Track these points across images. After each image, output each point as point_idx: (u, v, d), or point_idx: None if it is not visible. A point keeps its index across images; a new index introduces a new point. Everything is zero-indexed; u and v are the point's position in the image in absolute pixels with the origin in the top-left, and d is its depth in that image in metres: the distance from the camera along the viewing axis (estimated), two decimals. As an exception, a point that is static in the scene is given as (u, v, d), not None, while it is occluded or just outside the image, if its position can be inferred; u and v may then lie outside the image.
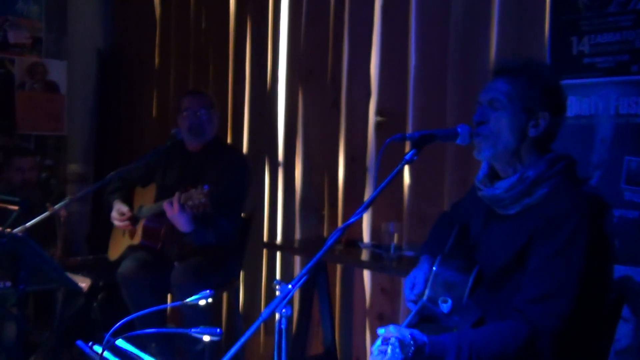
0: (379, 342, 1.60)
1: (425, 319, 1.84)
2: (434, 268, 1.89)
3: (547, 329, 1.61)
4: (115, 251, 3.45)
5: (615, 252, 1.81)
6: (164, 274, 3.14)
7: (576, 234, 1.65)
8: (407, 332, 1.57)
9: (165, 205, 2.89)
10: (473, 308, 1.79)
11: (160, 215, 3.09)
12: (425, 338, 1.56)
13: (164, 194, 3.16)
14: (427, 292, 1.87)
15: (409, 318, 1.86)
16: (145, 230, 3.20)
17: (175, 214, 2.86)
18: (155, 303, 3.08)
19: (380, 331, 1.59)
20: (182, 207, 2.81)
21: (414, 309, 1.93)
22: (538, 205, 1.75)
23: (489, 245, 1.86)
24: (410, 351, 1.53)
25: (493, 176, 1.88)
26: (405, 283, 2.02)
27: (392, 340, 1.54)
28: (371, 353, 1.60)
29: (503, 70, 1.84)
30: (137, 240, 3.22)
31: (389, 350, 1.53)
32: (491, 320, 1.76)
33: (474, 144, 1.85)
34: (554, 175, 1.75)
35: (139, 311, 3.12)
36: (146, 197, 3.36)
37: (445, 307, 1.80)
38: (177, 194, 2.85)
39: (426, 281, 1.94)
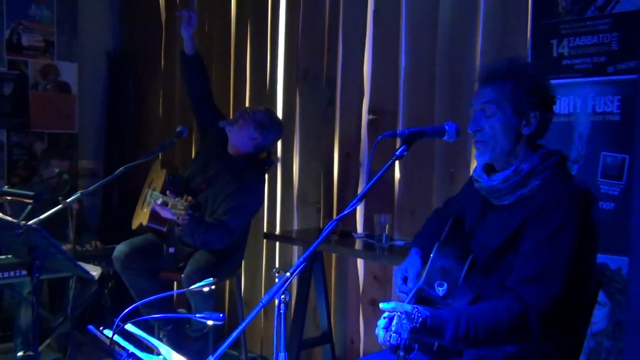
0: (385, 315, 1.62)
1: (421, 300, 1.84)
2: (432, 255, 1.90)
3: (537, 307, 1.62)
4: (135, 222, 3.46)
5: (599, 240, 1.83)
6: (156, 256, 3.19)
7: (567, 222, 1.67)
8: (409, 307, 1.58)
9: (154, 205, 2.93)
10: (467, 291, 1.81)
11: None
12: (427, 312, 1.57)
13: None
14: (424, 276, 1.88)
15: (407, 300, 1.86)
16: (152, 214, 3.22)
17: (165, 215, 2.94)
18: (150, 284, 3.12)
19: (383, 305, 1.58)
20: (168, 211, 2.83)
21: (408, 295, 1.94)
22: (531, 196, 1.76)
23: (484, 232, 1.87)
24: (419, 322, 1.53)
25: (490, 169, 1.88)
26: (396, 273, 2.02)
27: (398, 313, 1.54)
28: (377, 326, 1.61)
29: (489, 77, 1.82)
30: (145, 221, 3.24)
31: (395, 321, 1.52)
32: (484, 301, 1.78)
33: (474, 148, 1.86)
34: (546, 169, 1.76)
35: (137, 292, 3.18)
36: (159, 180, 3.38)
37: (441, 290, 1.82)
38: (161, 202, 2.89)
39: (418, 276, 1.95)
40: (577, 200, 1.70)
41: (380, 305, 1.59)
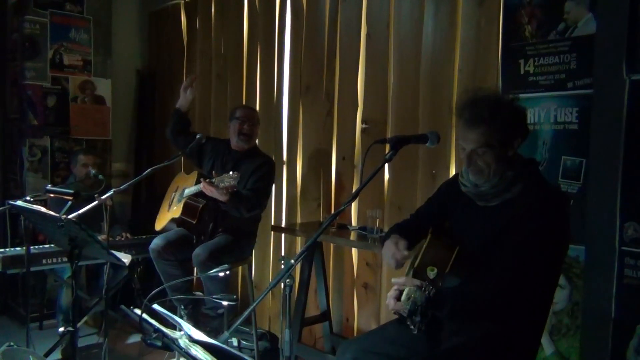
0: (395, 287, 1.62)
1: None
2: (425, 243, 1.90)
3: (519, 293, 1.64)
4: (160, 223, 3.46)
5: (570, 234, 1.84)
6: (185, 248, 3.19)
7: (546, 222, 1.68)
8: (418, 281, 1.59)
9: (202, 185, 2.97)
10: (454, 277, 1.81)
11: (199, 195, 3.18)
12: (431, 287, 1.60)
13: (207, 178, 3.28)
14: (418, 260, 1.87)
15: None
16: (185, 206, 3.24)
17: (212, 192, 2.95)
18: (179, 272, 3.13)
19: (395, 280, 1.61)
20: (216, 187, 2.89)
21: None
22: (514, 199, 1.76)
23: (470, 228, 1.86)
24: (431, 292, 1.53)
25: None
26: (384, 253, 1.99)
27: (409, 286, 1.55)
28: (388, 297, 1.61)
29: (475, 122, 1.74)
30: (178, 214, 3.25)
31: (407, 291, 1.53)
32: (470, 286, 1.79)
33: (470, 173, 1.82)
34: (526, 175, 1.78)
35: (166, 277, 3.20)
36: (188, 182, 3.38)
37: (432, 274, 1.81)
38: (208, 181, 2.92)
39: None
40: (555, 204, 1.72)
41: (392, 279, 1.60)
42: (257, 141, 3.52)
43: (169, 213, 3.43)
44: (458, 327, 1.83)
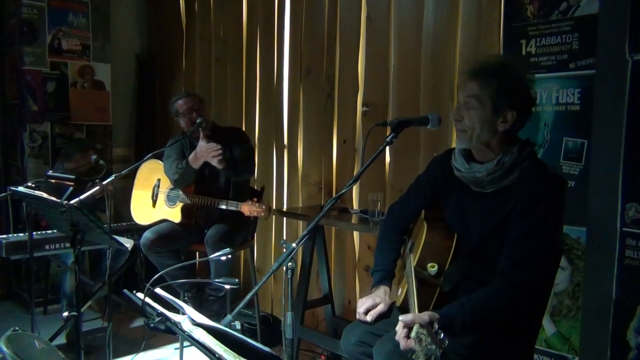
0: (403, 325, 1.52)
1: (420, 281, 1.79)
2: (423, 238, 1.87)
3: (526, 287, 1.62)
4: (145, 219, 3.43)
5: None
6: (177, 240, 3.23)
7: (550, 212, 1.65)
8: (425, 316, 1.50)
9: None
10: (455, 273, 1.78)
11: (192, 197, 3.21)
12: (437, 314, 1.54)
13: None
14: (417, 257, 1.83)
15: (412, 289, 1.83)
16: (182, 211, 3.25)
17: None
18: (172, 262, 3.17)
19: (402, 318, 1.51)
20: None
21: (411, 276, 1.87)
22: (511, 186, 1.71)
23: (467, 216, 1.81)
24: (445, 343, 1.38)
25: (468, 158, 1.81)
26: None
27: (420, 331, 1.40)
28: (397, 336, 1.52)
29: (477, 73, 1.69)
30: (177, 219, 3.26)
31: (415, 331, 1.40)
32: (469, 282, 1.76)
33: (457, 135, 1.78)
34: (524, 160, 1.71)
35: (162, 268, 3.22)
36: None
37: (432, 271, 1.78)
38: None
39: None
40: (556, 191, 1.68)
41: (400, 317, 1.53)
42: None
43: (155, 210, 3.41)
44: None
